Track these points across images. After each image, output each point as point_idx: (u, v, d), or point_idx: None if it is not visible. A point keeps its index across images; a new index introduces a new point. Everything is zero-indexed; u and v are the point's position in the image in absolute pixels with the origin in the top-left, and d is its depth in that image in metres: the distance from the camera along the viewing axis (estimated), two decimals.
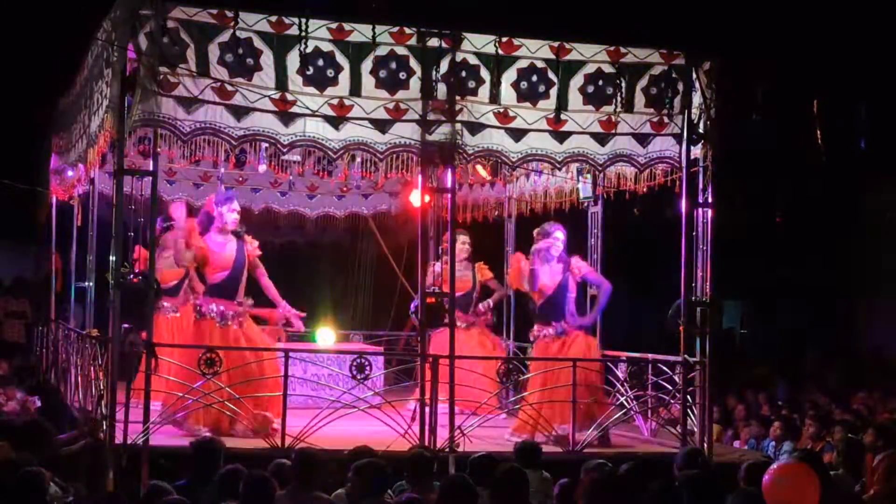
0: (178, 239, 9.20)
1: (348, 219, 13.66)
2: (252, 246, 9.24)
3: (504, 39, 8.71)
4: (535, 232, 9.79)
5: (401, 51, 8.50)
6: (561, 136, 8.91)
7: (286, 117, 8.32)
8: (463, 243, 11.07)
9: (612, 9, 12.36)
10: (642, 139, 9.09)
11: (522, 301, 11.61)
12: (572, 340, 9.49)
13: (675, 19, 12.16)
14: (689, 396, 9.03)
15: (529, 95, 8.78)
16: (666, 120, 9.08)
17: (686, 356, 9.02)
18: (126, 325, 8.01)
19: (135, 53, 7.92)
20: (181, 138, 8.17)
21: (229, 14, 8.08)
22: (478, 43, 8.67)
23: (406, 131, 8.54)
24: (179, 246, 9.14)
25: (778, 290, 18.54)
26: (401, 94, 8.50)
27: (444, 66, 8.53)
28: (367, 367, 8.57)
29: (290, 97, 8.29)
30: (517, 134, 8.82)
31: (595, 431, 8.90)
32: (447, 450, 8.26)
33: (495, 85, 8.68)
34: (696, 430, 8.98)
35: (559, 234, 9.65)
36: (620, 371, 9.64)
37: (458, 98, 8.59)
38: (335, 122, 8.42)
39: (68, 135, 10.53)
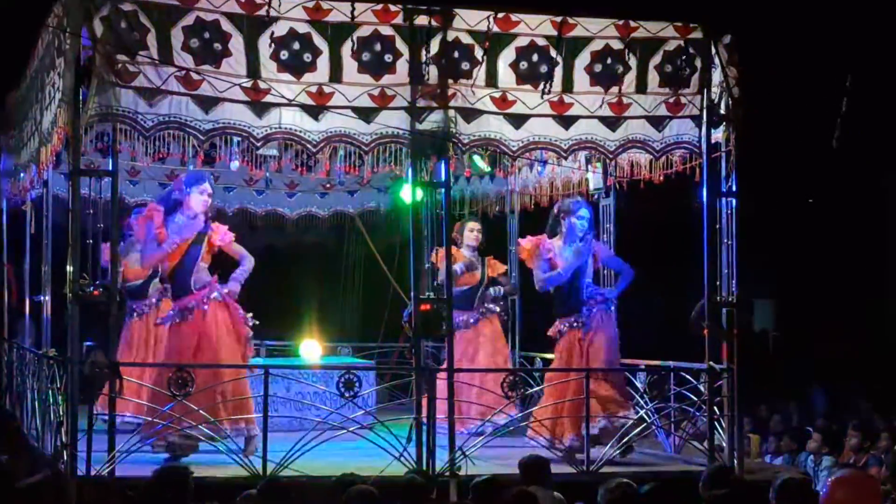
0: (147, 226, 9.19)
1: (332, 218, 13.67)
2: (219, 234, 9.18)
3: (500, 15, 8.73)
4: (555, 208, 9.80)
5: (385, 31, 8.51)
6: (566, 122, 8.93)
7: (259, 108, 8.34)
8: (471, 230, 11.10)
9: None
10: (657, 123, 9.10)
11: (529, 307, 11.65)
12: (594, 332, 9.50)
13: None
14: (715, 407, 9.04)
15: (530, 77, 8.80)
16: (683, 101, 9.09)
17: (711, 363, 9.03)
18: (87, 343, 8.03)
19: (89, 40, 7.94)
20: (143, 134, 8.19)
21: None
22: (471, 20, 8.68)
23: (393, 120, 8.55)
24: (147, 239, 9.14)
25: (814, 287, 18.53)
26: (387, 79, 8.52)
27: (435, 46, 8.54)
28: (357, 384, 8.58)
29: (263, 85, 8.30)
30: (517, 120, 8.84)
31: (612, 449, 8.91)
32: (447, 473, 8.27)
33: (492, 66, 8.69)
34: (724, 444, 8.99)
35: (585, 213, 9.66)
36: (639, 381, 9.66)
37: (450, 82, 8.61)
38: (314, 111, 8.44)
39: (20, 133, 10.53)
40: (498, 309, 11.14)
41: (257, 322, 9.30)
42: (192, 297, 9.02)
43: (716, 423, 9.05)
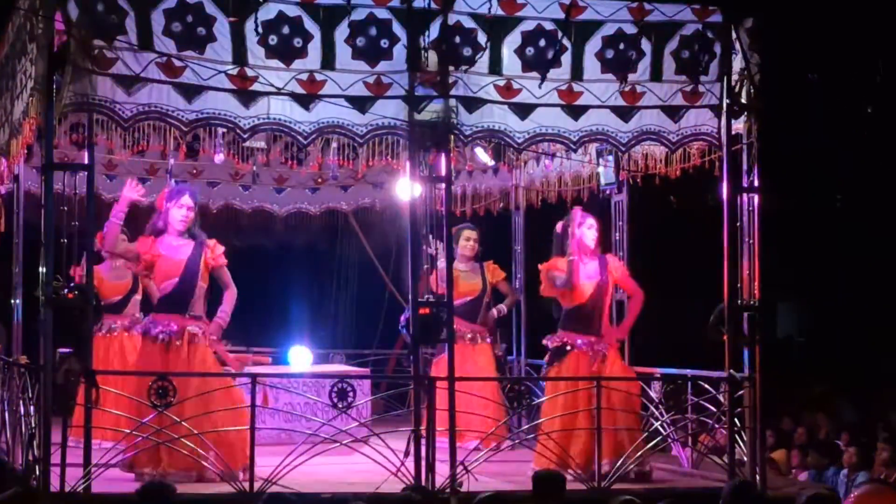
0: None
1: (324, 216, 13.68)
2: (215, 252, 9.17)
3: None
4: (559, 225, 9.77)
5: (382, 14, 8.53)
6: (576, 112, 8.93)
7: (246, 97, 8.35)
8: (468, 239, 11.12)
9: None
10: (673, 113, 9.11)
11: (538, 310, 11.65)
12: (610, 363, 9.43)
13: None
14: (736, 419, 9.05)
15: (537, 64, 8.80)
16: (701, 89, 9.09)
17: (732, 371, 9.05)
18: (61, 351, 8.03)
19: (64, 24, 7.95)
20: (121, 125, 8.20)
21: None
22: (473, 2, 8.69)
23: (390, 110, 8.57)
24: (113, 228, 9.08)
25: (842, 290, 18.55)
26: (383, 66, 8.53)
27: (434, 30, 8.55)
28: (351, 394, 8.59)
29: (250, 73, 8.31)
30: (523, 110, 8.84)
31: (626, 463, 8.91)
32: (448, 490, 8.29)
33: (495, 52, 8.71)
34: (745, 459, 9.01)
35: (593, 222, 9.62)
36: (654, 391, 9.67)
37: (451, 69, 8.62)
38: (305, 100, 8.45)
39: None
40: (496, 342, 11.25)
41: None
42: (179, 320, 8.89)
43: (736, 435, 9.05)
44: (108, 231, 9.08)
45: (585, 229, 9.52)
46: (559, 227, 9.67)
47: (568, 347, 9.43)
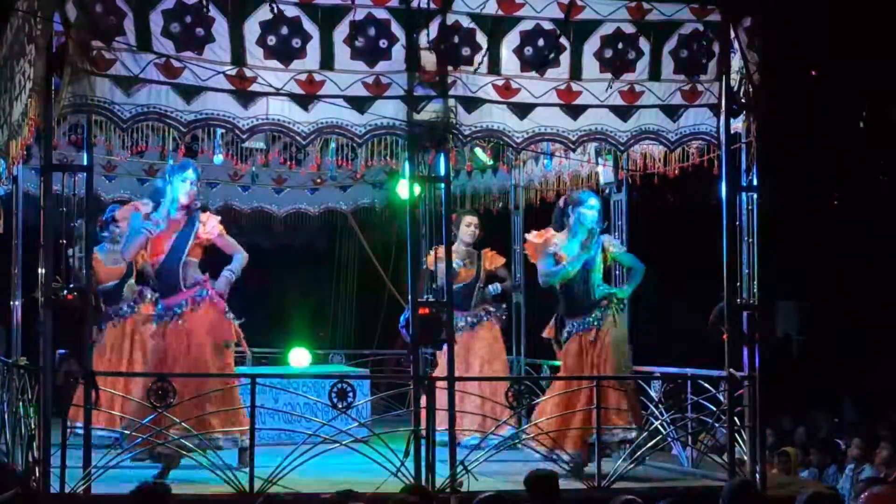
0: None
1: (323, 216, 13.68)
2: (209, 226, 9.19)
3: None
4: (561, 200, 9.79)
5: (380, 14, 8.53)
6: (574, 111, 8.95)
7: (245, 97, 8.36)
8: (468, 225, 11.14)
9: None
10: (672, 112, 9.12)
11: (539, 310, 11.66)
12: (605, 336, 9.50)
13: None
14: (736, 418, 9.06)
15: (535, 63, 8.81)
16: (700, 88, 9.11)
17: (731, 370, 9.05)
18: (61, 352, 8.04)
19: (62, 25, 7.95)
20: (120, 126, 8.21)
21: None
22: (472, 2, 8.69)
23: (389, 110, 8.57)
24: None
25: (842, 288, 18.54)
26: (382, 66, 8.53)
27: (433, 30, 8.55)
28: (351, 394, 8.60)
29: (248, 73, 8.32)
30: (522, 109, 8.85)
31: (625, 462, 8.94)
32: (448, 489, 8.30)
33: (494, 52, 8.72)
34: (745, 458, 9.02)
35: (595, 203, 9.65)
36: (654, 390, 9.68)
37: (450, 69, 8.62)
38: (304, 101, 8.45)
39: None
40: (497, 311, 11.19)
41: (243, 319, 9.29)
42: (180, 295, 9.00)
43: (736, 434, 9.07)
44: (135, 242, 9.16)
45: (585, 209, 9.54)
46: (562, 201, 9.78)
47: (567, 335, 9.58)
